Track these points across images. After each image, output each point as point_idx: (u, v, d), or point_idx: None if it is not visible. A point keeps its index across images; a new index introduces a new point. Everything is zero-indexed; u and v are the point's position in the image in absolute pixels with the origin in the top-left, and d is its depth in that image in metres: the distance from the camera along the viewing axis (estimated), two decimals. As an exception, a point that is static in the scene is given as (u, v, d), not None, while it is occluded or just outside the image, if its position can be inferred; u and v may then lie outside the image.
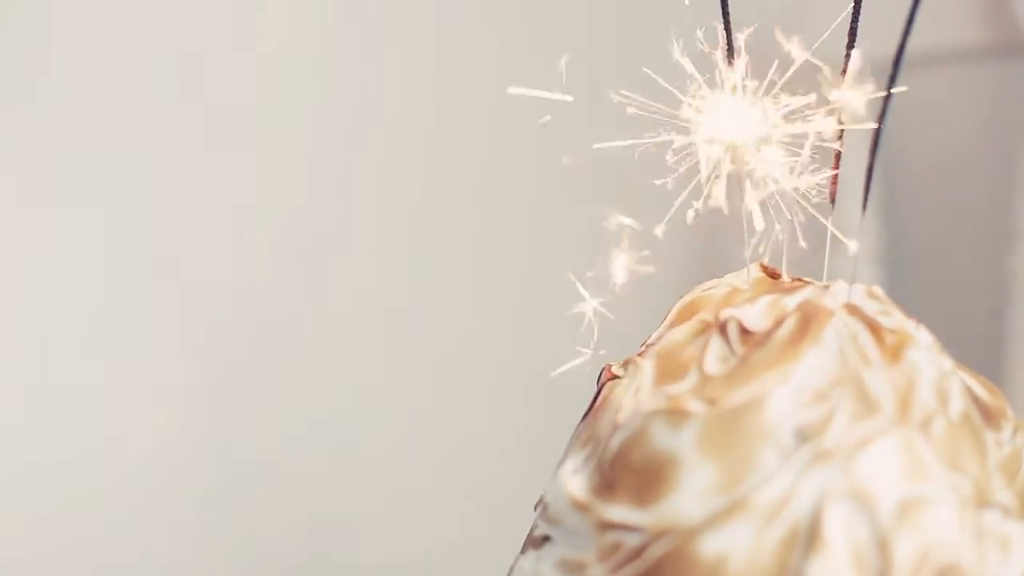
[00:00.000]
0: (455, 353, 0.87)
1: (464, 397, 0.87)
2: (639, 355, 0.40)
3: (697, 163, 0.41)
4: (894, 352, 0.38)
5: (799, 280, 0.42)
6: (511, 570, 0.41)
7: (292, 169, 0.83)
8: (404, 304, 0.86)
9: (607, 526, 0.37)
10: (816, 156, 0.41)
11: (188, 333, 0.80)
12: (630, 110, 0.41)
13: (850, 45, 0.41)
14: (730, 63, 0.41)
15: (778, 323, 0.39)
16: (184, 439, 0.80)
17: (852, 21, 0.41)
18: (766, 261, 0.43)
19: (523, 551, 0.40)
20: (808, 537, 0.36)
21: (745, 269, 0.42)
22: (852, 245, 0.40)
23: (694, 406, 0.37)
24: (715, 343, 0.39)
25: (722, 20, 0.41)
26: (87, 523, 0.78)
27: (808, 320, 0.38)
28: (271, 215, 0.83)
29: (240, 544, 0.82)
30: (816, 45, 0.41)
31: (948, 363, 0.39)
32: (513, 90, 0.40)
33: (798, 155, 0.41)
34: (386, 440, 0.85)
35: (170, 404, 0.80)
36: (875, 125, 0.39)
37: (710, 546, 0.36)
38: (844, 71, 0.41)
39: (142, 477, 0.79)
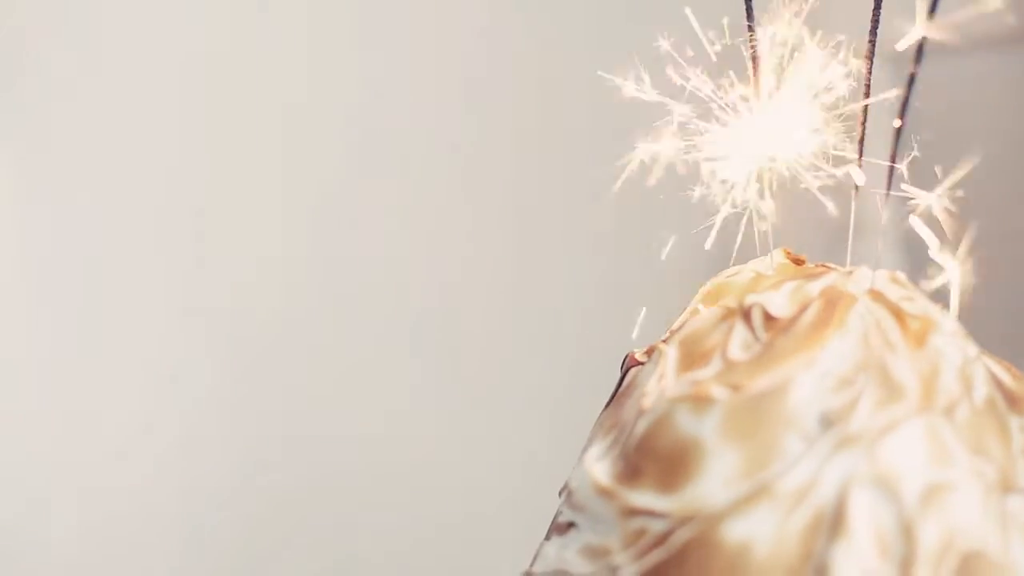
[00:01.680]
0: (483, 355, 0.87)
1: (492, 400, 0.87)
2: (663, 341, 0.40)
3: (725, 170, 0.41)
4: (918, 338, 0.38)
5: (823, 266, 0.42)
6: (536, 556, 0.41)
7: (318, 172, 0.83)
8: (432, 306, 0.86)
9: (632, 512, 0.37)
10: (841, 144, 0.41)
11: (211, 336, 0.80)
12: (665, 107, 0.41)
13: (873, 33, 0.41)
14: (754, 69, 0.41)
15: (802, 309, 0.39)
16: (207, 443, 0.80)
17: (875, 9, 0.41)
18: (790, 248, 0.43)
19: (548, 537, 0.40)
20: (832, 523, 0.36)
21: (769, 255, 0.42)
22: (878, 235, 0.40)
23: (718, 392, 0.37)
24: (739, 329, 0.39)
25: (747, 23, 0.41)
26: (109, 523, 0.78)
27: (832, 306, 0.38)
28: (296, 218, 0.83)
29: (263, 547, 0.82)
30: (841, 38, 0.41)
31: (972, 349, 0.39)
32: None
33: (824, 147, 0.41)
34: (413, 442, 0.85)
35: (192, 407, 0.80)
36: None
37: (735, 532, 0.36)
38: (868, 57, 0.41)
39: (163, 480, 0.79)
